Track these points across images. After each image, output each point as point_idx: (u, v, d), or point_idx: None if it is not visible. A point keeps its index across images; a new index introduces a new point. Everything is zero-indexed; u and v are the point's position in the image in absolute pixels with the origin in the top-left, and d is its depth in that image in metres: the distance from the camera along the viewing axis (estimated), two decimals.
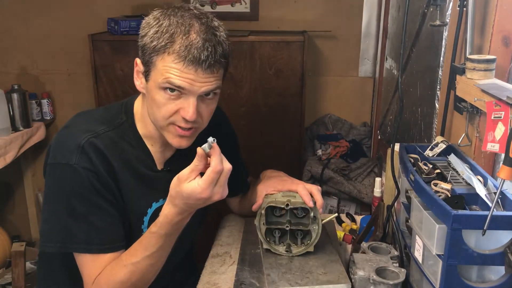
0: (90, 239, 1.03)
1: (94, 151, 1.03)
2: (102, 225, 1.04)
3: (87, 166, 1.02)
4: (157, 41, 0.98)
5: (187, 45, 0.96)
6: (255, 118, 2.44)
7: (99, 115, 1.13)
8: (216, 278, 1.20)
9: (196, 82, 0.99)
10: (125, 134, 1.10)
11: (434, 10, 1.38)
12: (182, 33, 0.97)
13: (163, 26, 0.98)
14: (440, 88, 1.48)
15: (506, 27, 1.14)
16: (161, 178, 1.13)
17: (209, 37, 0.99)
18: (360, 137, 2.75)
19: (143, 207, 1.13)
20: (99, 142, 1.05)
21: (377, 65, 2.72)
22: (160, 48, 0.98)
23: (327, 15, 2.70)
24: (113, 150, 1.06)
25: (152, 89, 1.02)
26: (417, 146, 1.21)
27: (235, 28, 2.72)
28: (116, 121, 1.11)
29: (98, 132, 1.06)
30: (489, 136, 0.99)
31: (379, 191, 1.50)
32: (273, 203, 1.16)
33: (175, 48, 0.97)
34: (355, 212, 2.46)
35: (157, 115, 1.04)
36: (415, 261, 1.01)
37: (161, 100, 1.01)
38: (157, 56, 0.99)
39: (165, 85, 0.99)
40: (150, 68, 1.01)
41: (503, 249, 0.85)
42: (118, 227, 1.07)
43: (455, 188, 0.99)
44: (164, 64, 0.98)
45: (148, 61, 1.00)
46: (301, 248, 1.18)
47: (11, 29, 2.81)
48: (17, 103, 2.56)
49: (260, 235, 1.19)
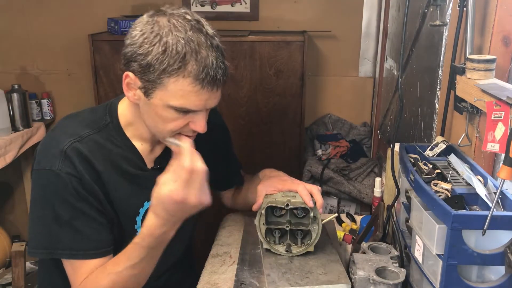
0: (75, 245, 1.03)
1: (77, 156, 1.02)
2: (87, 230, 1.03)
3: (70, 172, 1.01)
4: (167, 62, 0.93)
5: (203, 67, 0.94)
6: (255, 118, 2.44)
7: (85, 117, 1.12)
8: (216, 278, 1.20)
9: (210, 100, 0.99)
10: (110, 135, 1.09)
11: (434, 10, 1.38)
12: (193, 52, 0.94)
13: (169, 44, 0.93)
14: (440, 88, 1.48)
15: (506, 27, 1.14)
16: (152, 177, 1.10)
17: (218, 52, 0.97)
18: (360, 137, 2.75)
19: (135, 208, 1.12)
20: (83, 146, 1.03)
21: (377, 65, 2.72)
22: (172, 71, 0.94)
23: (327, 15, 2.70)
24: (98, 153, 1.05)
25: (157, 106, 0.99)
26: (417, 146, 1.21)
27: (235, 28, 2.72)
28: (101, 123, 1.10)
29: (82, 135, 1.05)
30: (489, 136, 0.99)
31: (379, 191, 1.50)
32: (273, 203, 1.16)
33: (190, 70, 0.94)
34: (355, 212, 2.46)
35: (161, 128, 1.03)
36: (415, 261, 1.01)
37: (169, 116, 1.00)
38: (168, 78, 0.95)
39: (180, 109, 0.98)
40: (155, 86, 0.97)
41: (503, 249, 0.85)
42: (104, 233, 1.06)
43: (455, 188, 0.99)
44: (178, 87, 0.95)
45: (155, 81, 0.96)
46: (301, 248, 1.18)
47: (11, 29, 2.81)
48: (17, 103, 2.56)
49: (260, 235, 1.19)
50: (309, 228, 1.17)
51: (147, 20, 0.97)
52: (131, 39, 0.98)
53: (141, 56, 0.96)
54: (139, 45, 0.96)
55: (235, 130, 2.47)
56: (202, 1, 2.73)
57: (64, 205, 1.01)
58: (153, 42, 0.94)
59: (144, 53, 0.95)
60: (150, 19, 0.97)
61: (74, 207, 1.02)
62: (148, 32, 0.95)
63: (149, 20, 0.97)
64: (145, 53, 0.95)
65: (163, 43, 0.93)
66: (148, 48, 0.95)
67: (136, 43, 0.96)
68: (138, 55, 0.96)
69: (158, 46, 0.94)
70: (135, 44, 0.97)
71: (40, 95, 2.79)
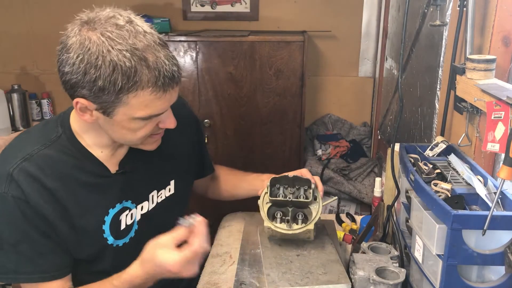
0: (19, 268, 1.00)
1: (24, 178, 0.97)
2: (31, 254, 1.00)
3: (16, 195, 0.96)
4: (120, 81, 0.89)
5: (158, 73, 0.91)
6: (255, 118, 2.44)
7: (35, 132, 1.07)
8: (216, 278, 1.20)
9: (172, 97, 0.98)
10: (63, 147, 1.04)
11: (434, 10, 1.38)
12: (141, 61, 0.89)
13: (114, 62, 0.88)
14: (440, 88, 1.48)
15: (506, 27, 1.14)
16: (115, 182, 1.09)
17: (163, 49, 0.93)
18: (360, 137, 2.75)
19: (99, 216, 1.07)
20: (31, 165, 0.98)
21: (377, 65, 2.72)
22: (129, 88, 0.90)
23: (327, 15, 2.70)
24: (50, 169, 1.00)
25: (122, 121, 0.97)
26: (417, 146, 1.21)
27: (235, 28, 2.72)
28: (53, 135, 1.04)
29: (31, 153, 1.00)
30: (489, 136, 0.99)
31: (379, 191, 1.50)
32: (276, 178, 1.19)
33: (147, 81, 0.90)
34: (355, 212, 2.46)
35: (131, 138, 1.01)
36: (415, 261, 1.01)
37: (137, 126, 0.98)
38: (127, 94, 0.91)
39: (148, 117, 0.97)
40: (114, 105, 0.93)
41: (503, 249, 0.85)
42: (51, 257, 1.02)
43: (455, 188, 0.99)
44: (139, 99, 0.92)
45: (112, 101, 0.92)
46: (301, 225, 1.18)
47: (11, 29, 2.81)
48: (17, 103, 2.56)
49: (262, 213, 1.19)
50: (310, 207, 1.18)
51: (79, 41, 0.89)
52: (69, 68, 0.90)
53: (90, 83, 0.90)
54: (83, 73, 0.89)
55: (235, 130, 2.47)
56: (202, 1, 2.73)
57: (9, 228, 0.98)
58: (97, 65, 0.88)
59: (93, 80, 0.89)
60: (80, 38, 0.89)
61: (19, 231, 0.98)
62: (87, 56, 0.88)
63: (82, 42, 0.89)
64: (94, 79, 0.89)
65: (108, 63, 0.88)
66: (94, 73, 0.88)
67: (79, 72, 0.90)
68: (86, 82, 0.90)
69: (104, 68, 0.88)
70: (78, 73, 0.90)
71: (40, 95, 2.80)
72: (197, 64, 2.39)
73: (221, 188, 1.46)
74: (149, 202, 1.17)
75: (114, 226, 1.09)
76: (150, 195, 1.17)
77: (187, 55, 2.38)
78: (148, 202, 1.16)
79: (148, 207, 1.16)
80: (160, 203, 1.19)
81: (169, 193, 1.22)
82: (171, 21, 2.62)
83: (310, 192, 1.18)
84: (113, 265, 1.08)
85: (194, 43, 2.36)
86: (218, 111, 2.43)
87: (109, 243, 1.08)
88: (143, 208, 1.15)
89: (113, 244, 1.09)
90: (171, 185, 1.23)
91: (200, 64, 2.38)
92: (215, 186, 1.47)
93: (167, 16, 2.61)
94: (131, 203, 1.12)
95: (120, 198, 1.10)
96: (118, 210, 1.09)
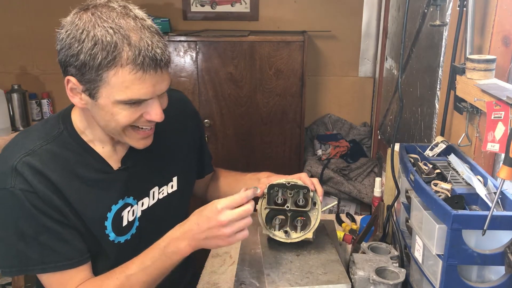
0: (45, 258, 1.00)
1: (28, 170, 0.97)
2: (53, 243, 1.00)
3: (24, 188, 0.96)
4: (100, 56, 0.89)
5: (138, 51, 0.90)
6: (255, 118, 2.44)
7: (36, 130, 1.07)
8: (216, 278, 1.20)
9: (157, 84, 0.94)
10: (66, 143, 1.04)
11: (434, 10, 1.38)
12: (124, 38, 0.89)
13: (97, 37, 0.89)
14: (440, 88, 1.48)
15: (506, 27, 1.14)
16: (117, 179, 1.09)
17: (150, 32, 0.92)
18: (360, 137, 2.75)
19: (102, 213, 1.07)
20: (34, 160, 0.98)
21: (377, 65, 2.72)
22: (108, 63, 0.90)
23: (327, 15, 2.70)
24: (53, 163, 1.00)
25: (106, 105, 0.95)
26: (417, 146, 1.21)
27: (235, 28, 2.72)
28: (54, 132, 1.05)
29: (33, 149, 1.00)
30: (489, 136, 0.99)
31: (379, 191, 1.50)
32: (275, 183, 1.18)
33: (126, 57, 0.89)
34: (355, 212, 2.46)
35: (114, 126, 0.99)
36: (415, 261, 1.01)
37: (121, 112, 0.96)
38: (107, 72, 0.91)
39: (128, 101, 0.94)
40: (97, 85, 0.93)
41: (503, 249, 0.85)
42: (72, 243, 1.02)
43: (455, 188, 0.99)
44: (120, 79, 0.91)
45: (95, 79, 0.92)
46: (300, 234, 1.18)
47: (11, 29, 2.81)
48: (17, 103, 2.56)
49: (260, 220, 1.19)
50: (309, 214, 1.17)
51: (71, 20, 0.93)
52: (60, 44, 0.93)
53: (73, 58, 0.91)
54: (68, 47, 0.92)
55: (235, 130, 2.47)
56: (202, 1, 2.73)
57: (26, 221, 0.98)
58: (81, 39, 0.90)
59: (76, 53, 0.91)
60: (73, 17, 0.93)
61: (35, 222, 0.98)
62: (74, 31, 0.91)
63: (73, 19, 0.93)
64: (77, 53, 0.91)
65: (91, 37, 0.89)
66: (77, 47, 0.90)
67: (65, 46, 0.92)
68: (70, 57, 0.92)
69: (87, 41, 0.89)
70: (64, 47, 0.93)
71: (40, 95, 2.80)
72: (197, 64, 2.39)
73: (219, 190, 1.45)
74: (149, 198, 1.16)
75: (116, 222, 1.09)
76: (151, 191, 1.17)
77: (187, 55, 2.38)
78: (148, 198, 1.16)
79: (149, 203, 1.16)
80: (161, 200, 1.19)
81: (172, 190, 1.22)
82: (171, 21, 2.62)
83: (310, 196, 1.17)
84: (114, 262, 1.08)
85: (194, 43, 2.36)
86: (218, 111, 2.43)
87: (111, 239, 1.08)
88: (143, 204, 1.15)
89: (115, 241, 1.09)
90: (173, 181, 1.22)
91: (200, 64, 2.38)
92: (214, 188, 1.47)
93: (167, 16, 2.61)
94: (132, 199, 1.12)
95: (123, 195, 1.10)
96: (120, 206, 1.09)
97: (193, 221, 1.00)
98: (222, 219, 0.97)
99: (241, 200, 0.99)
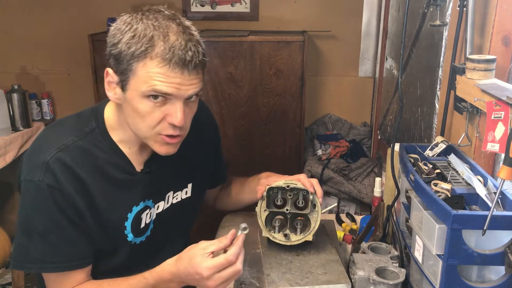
0: (45, 258, 1.01)
1: (60, 167, 0.99)
2: (59, 243, 1.01)
3: (51, 184, 0.98)
4: (135, 46, 0.93)
5: (170, 47, 0.92)
6: (255, 118, 2.44)
7: (70, 124, 1.09)
8: None
9: (183, 85, 0.95)
10: (96, 140, 1.06)
11: (434, 10, 1.38)
12: (161, 35, 0.93)
13: (138, 30, 0.93)
14: (440, 88, 1.48)
15: (506, 27, 1.14)
16: (140, 181, 1.11)
17: (189, 37, 0.95)
18: (360, 137, 2.75)
19: (123, 213, 1.09)
20: (66, 156, 1.00)
21: (377, 65, 2.72)
22: (140, 54, 0.93)
23: (327, 15, 2.70)
24: (83, 160, 1.02)
25: (133, 99, 0.97)
26: (417, 146, 1.21)
27: (235, 28, 2.72)
28: (86, 128, 1.07)
29: (66, 144, 1.02)
30: (489, 136, 0.99)
31: (379, 191, 1.50)
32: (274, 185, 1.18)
33: (158, 51, 0.92)
34: (355, 212, 2.46)
35: (141, 126, 1.00)
36: (415, 261, 1.01)
37: (145, 109, 0.97)
38: (137, 62, 0.94)
39: (150, 93, 0.95)
40: (128, 76, 0.96)
41: (503, 249, 0.85)
42: (78, 246, 1.04)
43: (455, 188, 0.99)
44: (146, 70, 0.93)
45: (126, 69, 0.95)
46: (299, 237, 1.18)
47: (11, 29, 2.81)
48: (17, 103, 2.56)
49: (260, 222, 1.19)
50: (309, 216, 1.17)
51: (124, 17, 0.99)
52: (108, 38, 0.99)
53: (113, 47, 0.96)
54: (112, 37, 0.97)
55: (235, 130, 2.47)
56: (202, 1, 2.73)
57: (40, 217, 0.99)
58: (124, 30, 0.95)
59: (116, 42, 0.96)
60: (126, 15, 0.99)
61: (50, 220, 0.99)
62: (120, 24, 0.97)
63: (125, 17, 0.98)
64: (117, 42, 0.96)
65: (133, 30, 0.94)
66: (119, 36, 0.95)
67: (110, 36, 0.98)
68: (111, 46, 0.97)
69: (128, 32, 0.94)
70: (109, 38, 0.98)
71: (40, 95, 2.79)
72: None
73: (229, 196, 1.45)
74: (165, 202, 1.18)
75: (135, 223, 1.10)
76: (167, 195, 1.18)
77: None
78: (164, 202, 1.17)
79: (163, 207, 1.17)
80: (174, 205, 1.20)
81: (186, 196, 1.23)
82: None
83: (309, 198, 1.17)
84: (127, 262, 1.10)
85: None
86: (218, 111, 2.43)
87: (129, 239, 1.10)
88: (159, 207, 1.16)
89: (132, 241, 1.11)
90: (188, 188, 1.24)
91: None
92: (223, 196, 1.47)
93: None
94: (151, 202, 1.14)
95: (143, 197, 1.11)
96: (140, 208, 1.11)
97: (182, 265, 0.99)
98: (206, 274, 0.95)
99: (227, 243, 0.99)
